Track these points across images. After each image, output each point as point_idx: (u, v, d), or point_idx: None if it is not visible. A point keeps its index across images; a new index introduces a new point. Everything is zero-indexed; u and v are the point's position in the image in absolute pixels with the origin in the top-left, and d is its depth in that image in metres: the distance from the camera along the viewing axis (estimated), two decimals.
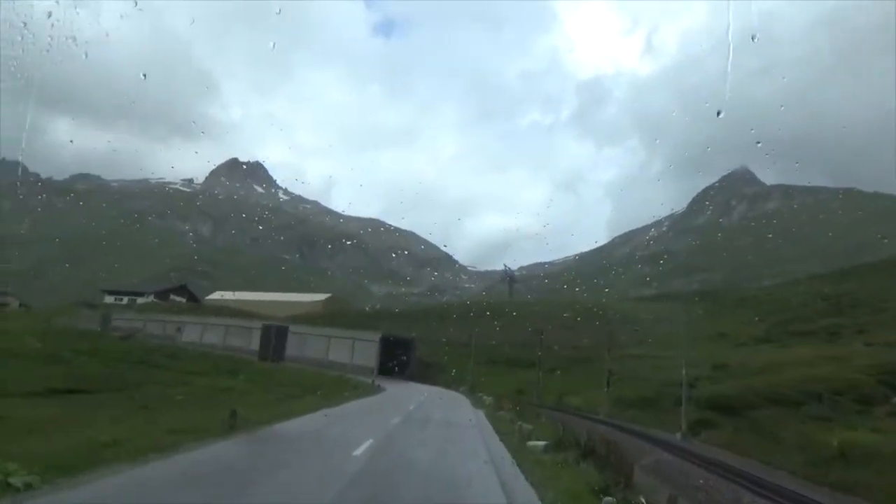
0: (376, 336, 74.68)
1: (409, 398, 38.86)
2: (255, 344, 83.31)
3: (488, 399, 40.17)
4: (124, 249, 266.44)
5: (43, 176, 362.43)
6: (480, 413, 30.77)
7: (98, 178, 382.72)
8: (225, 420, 15.78)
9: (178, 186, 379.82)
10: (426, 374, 76.00)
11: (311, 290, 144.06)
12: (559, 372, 74.17)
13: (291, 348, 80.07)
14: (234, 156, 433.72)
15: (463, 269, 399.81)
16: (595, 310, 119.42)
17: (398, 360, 75.88)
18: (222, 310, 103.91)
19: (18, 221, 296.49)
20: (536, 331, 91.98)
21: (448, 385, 68.11)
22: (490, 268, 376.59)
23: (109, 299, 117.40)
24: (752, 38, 12.14)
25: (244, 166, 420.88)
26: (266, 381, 64.12)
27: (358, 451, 13.56)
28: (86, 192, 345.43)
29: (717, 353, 64.97)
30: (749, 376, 46.53)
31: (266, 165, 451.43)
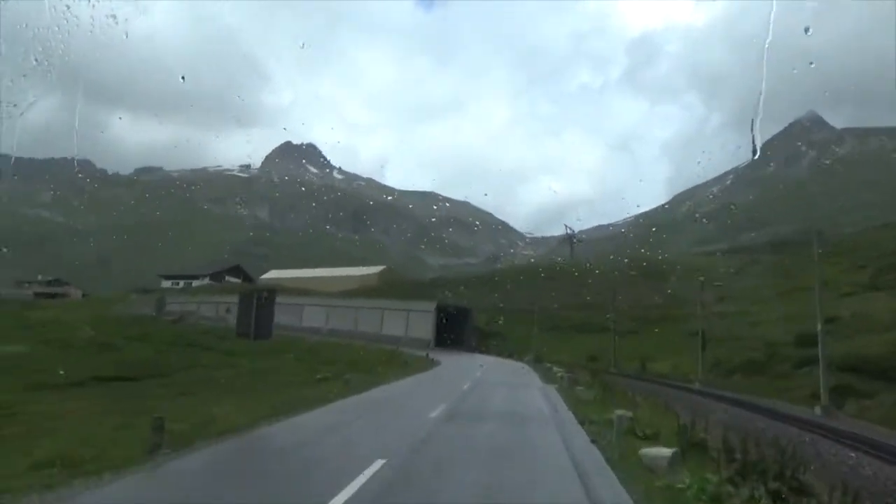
0: (431, 306, 68.51)
1: (463, 375, 32.38)
2: (306, 321, 78.60)
3: (559, 371, 33.41)
4: (186, 237, 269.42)
5: (109, 171, 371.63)
6: (553, 391, 23.95)
7: (160, 169, 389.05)
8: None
9: (235, 172, 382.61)
10: (486, 343, 69.60)
11: (369, 265, 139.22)
12: (633, 335, 66.53)
13: (343, 322, 74.89)
14: (288, 139, 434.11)
15: (520, 236, 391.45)
16: (664, 267, 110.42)
17: (455, 330, 69.62)
18: (274, 289, 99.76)
19: (88, 216, 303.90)
20: (604, 292, 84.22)
21: (510, 355, 61.60)
22: (548, 233, 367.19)
23: (167, 284, 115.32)
24: None
25: (299, 149, 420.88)
26: (313, 360, 58.89)
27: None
28: (149, 184, 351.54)
29: (819, 305, 55.93)
30: (880, 330, 37.94)
31: (319, 146, 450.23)
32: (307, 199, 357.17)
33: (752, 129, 7.31)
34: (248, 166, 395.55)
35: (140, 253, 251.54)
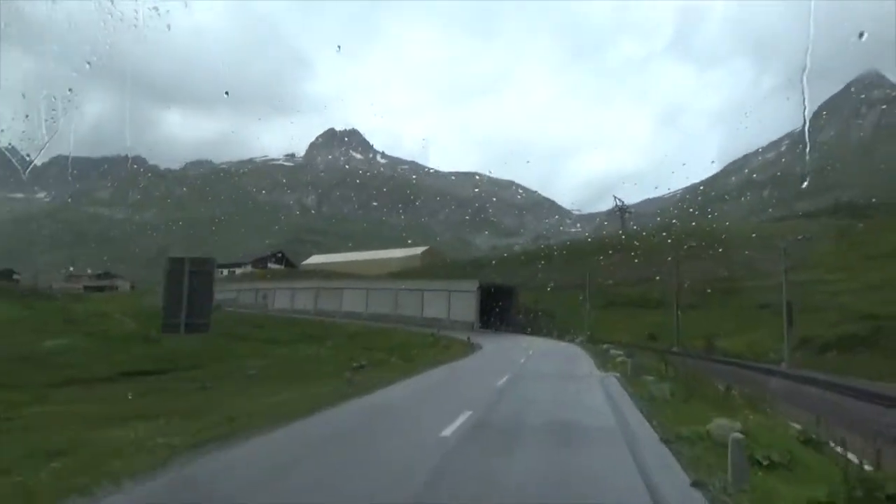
0: (473, 286, 63.68)
1: (503, 363, 27.34)
2: (346, 305, 74.97)
3: (618, 354, 28.17)
4: (237, 227, 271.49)
5: (161, 167, 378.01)
6: (614, 384, 18.69)
7: (209, 162, 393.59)
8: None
9: (281, 162, 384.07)
10: (533, 324, 64.47)
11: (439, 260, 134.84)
12: (695, 310, 60.33)
13: (384, 306, 70.90)
14: (331, 126, 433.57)
15: (567, 213, 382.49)
16: (723, 236, 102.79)
17: (500, 311, 64.69)
18: (316, 273, 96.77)
19: (144, 211, 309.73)
20: (660, 265, 77.91)
21: (560, 336, 56.36)
22: (595, 209, 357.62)
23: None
24: None
25: (342, 135, 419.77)
26: (352, 347, 54.93)
27: None
28: (199, 177, 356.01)
29: None
30: None
31: (362, 131, 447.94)
32: (353, 184, 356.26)
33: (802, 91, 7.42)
34: (293, 155, 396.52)
35: (195, 244, 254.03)
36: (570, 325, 61.48)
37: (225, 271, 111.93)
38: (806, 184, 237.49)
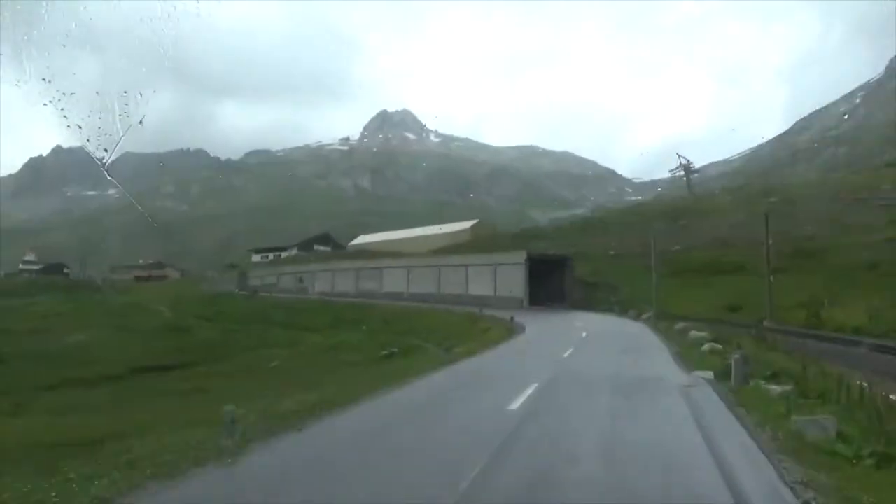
0: (521, 257, 55.84)
1: (540, 360, 19.42)
2: (386, 286, 68.67)
3: (703, 338, 20.19)
4: (296, 213, 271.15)
5: (222, 158, 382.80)
6: (715, 402, 10.53)
7: (267, 151, 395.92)
8: None
9: (335, 146, 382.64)
10: (591, 297, 56.21)
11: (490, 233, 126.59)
12: (781, 274, 50.75)
13: (426, 284, 64.15)
14: (383, 108, 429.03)
15: (627, 181, 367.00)
16: (803, 191, 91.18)
17: (552, 284, 56.81)
18: (361, 254, 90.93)
19: (206, 202, 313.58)
20: (735, 227, 68.80)
21: (622, 310, 47.93)
22: (656, 176, 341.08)
23: (257, 258, 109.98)
24: None
25: (394, 116, 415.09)
26: (386, 331, 48.50)
27: None
28: (257, 166, 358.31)
29: None
30: None
31: (414, 111, 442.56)
32: (406, 164, 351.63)
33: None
34: (347, 138, 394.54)
35: (254, 232, 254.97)
36: (633, 297, 53.03)
37: (270, 255, 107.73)
38: (883, 138, 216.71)
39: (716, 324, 33.61)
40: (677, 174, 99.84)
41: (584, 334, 27.20)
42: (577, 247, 76.19)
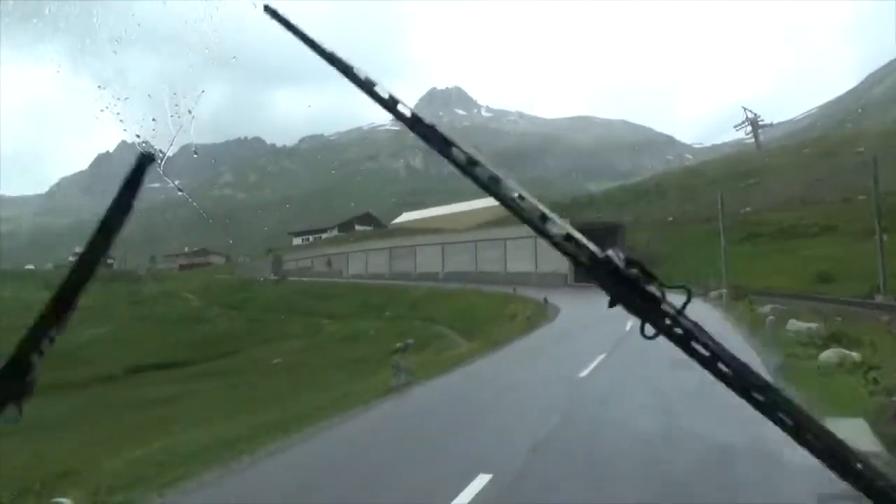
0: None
1: (559, 370, 12.81)
2: (421, 265, 62.44)
3: (816, 338, 12.26)
4: (346, 196, 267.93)
5: (278, 145, 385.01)
6: None
7: (321, 136, 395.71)
8: None
9: (386, 127, 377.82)
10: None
11: None
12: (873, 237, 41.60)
13: (462, 262, 57.66)
14: (433, 85, 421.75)
15: (687, 147, 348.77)
16: (885, 144, 79.23)
17: None
18: (401, 231, 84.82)
19: (264, 189, 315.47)
20: (812, 183, 59.44)
21: (685, 288, 39.93)
22: (719, 140, 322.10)
23: (297, 241, 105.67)
24: None
25: (444, 93, 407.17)
26: (411, 317, 42.30)
27: None
28: (310, 151, 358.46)
29: None
30: None
31: (464, 87, 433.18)
32: (458, 142, 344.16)
33: None
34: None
35: (310, 216, 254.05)
36: (697, 269, 44.81)
37: (311, 237, 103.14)
38: None
39: (809, 300, 25.62)
40: (744, 129, 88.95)
41: (628, 325, 20.07)
42: (632, 215, 67.86)
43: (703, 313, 25.42)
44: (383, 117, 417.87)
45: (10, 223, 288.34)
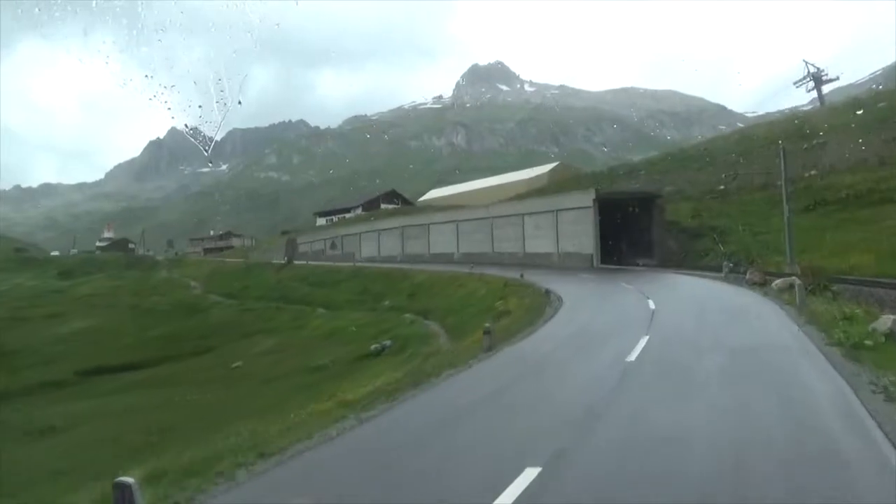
0: (588, 198, 40.10)
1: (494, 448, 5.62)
2: (435, 246, 55.50)
3: None
4: (393, 175, 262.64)
5: (322, 127, 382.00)
6: None
7: (364, 116, 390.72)
8: None
9: (428, 105, 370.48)
10: (690, 247, 39.81)
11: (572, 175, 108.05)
12: None
13: (479, 243, 50.57)
14: (475, 62, 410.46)
15: (739, 117, 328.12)
16: None
17: (633, 234, 41.12)
18: (424, 209, 77.79)
19: (307, 171, 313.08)
20: (891, 143, 50.16)
21: (735, 267, 30.97)
22: (775, 107, 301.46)
23: (321, 221, 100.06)
24: None
25: (486, 69, 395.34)
26: (406, 309, 35.58)
27: None
28: (353, 132, 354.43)
29: None
30: None
31: (507, 63, 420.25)
32: (501, 118, 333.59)
33: None
34: (440, 96, 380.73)
35: (351, 196, 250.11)
36: (752, 244, 36.27)
37: (335, 217, 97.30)
38: None
39: None
40: (804, 86, 77.61)
41: (642, 341, 12.24)
42: (676, 184, 58.92)
43: (767, 310, 16.63)
44: (424, 96, 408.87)
45: (64, 210, 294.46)
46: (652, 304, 18.28)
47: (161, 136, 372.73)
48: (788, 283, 18.56)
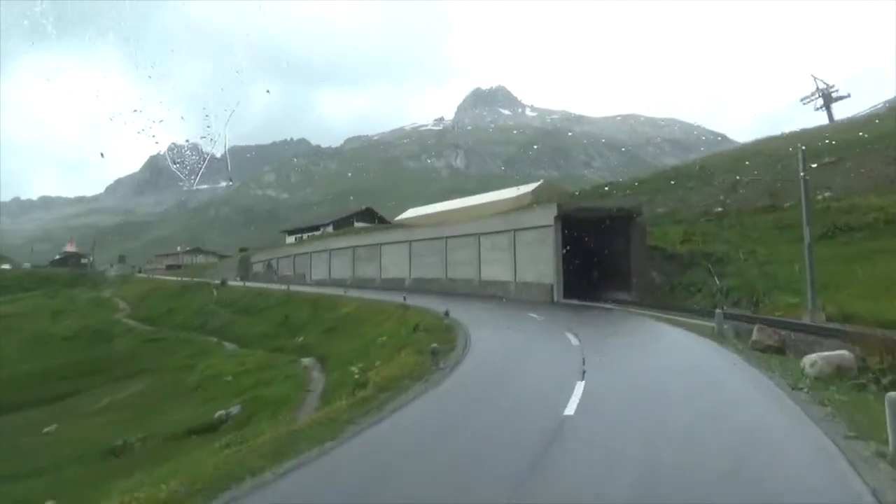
0: (549, 215, 31.52)
1: None
2: (387, 269, 47.03)
3: None
4: (390, 195, 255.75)
5: (323, 146, 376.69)
6: None
7: (365, 136, 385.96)
8: None
9: (429, 127, 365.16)
10: (679, 280, 31.05)
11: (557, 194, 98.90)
12: None
13: (432, 268, 42.22)
14: (477, 85, 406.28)
15: (740, 146, 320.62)
16: None
17: (607, 261, 32.53)
18: (390, 228, 69.39)
19: (305, 189, 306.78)
20: None
21: (730, 309, 21.92)
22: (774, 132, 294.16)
23: (290, 239, 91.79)
24: None
25: (489, 93, 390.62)
26: (311, 349, 26.76)
27: None
28: (354, 152, 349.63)
29: None
30: None
31: (509, 87, 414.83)
32: (501, 140, 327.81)
33: None
34: (441, 119, 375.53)
35: (329, 215, 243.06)
36: (754, 280, 27.61)
37: (304, 235, 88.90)
38: None
39: None
40: (812, 101, 69.36)
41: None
42: (668, 205, 50.64)
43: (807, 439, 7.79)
44: (426, 117, 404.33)
45: (60, 223, 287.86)
46: (574, 403, 9.43)
47: (162, 152, 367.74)
48: (835, 366, 9.78)
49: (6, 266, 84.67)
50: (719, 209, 45.58)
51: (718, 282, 28.42)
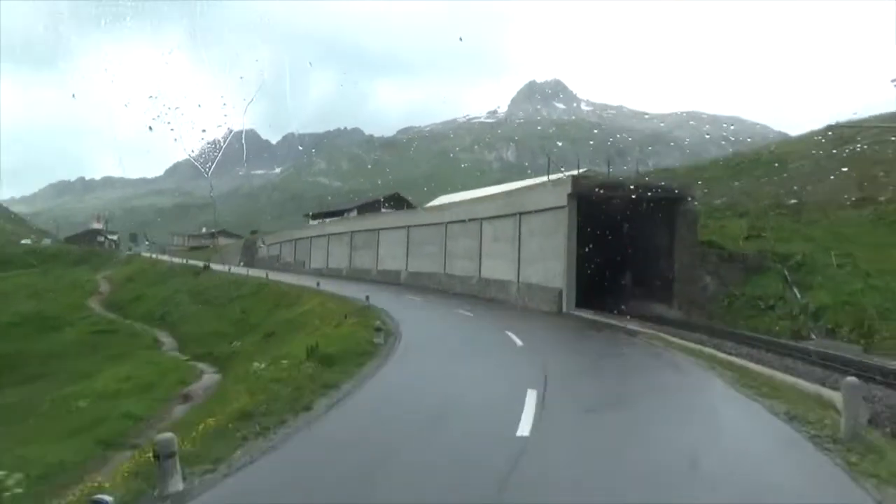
0: (562, 192, 22.98)
1: None
2: (384, 259, 39.30)
3: None
4: (438, 186, 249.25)
5: (376, 136, 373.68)
6: None
7: (418, 127, 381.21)
8: None
9: (482, 119, 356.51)
10: (741, 289, 21.92)
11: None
12: None
13: (429, 259, 34.12)
14: (532, 78, 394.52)
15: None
16: None
17: (641, 257, 23.75)
18: (395, 212, 62.01)
19: (357, 178, 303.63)
20: None
21: (827, 342, 12.76)
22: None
23: (314, 223, 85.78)
24: None
25: (544, 86, 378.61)
26: (246, 356, 18.65)
27: None
28: (406, 142, 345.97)
29: None
30: None
31: (565, 81, 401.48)
32: (554, 134, 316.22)
33: None
34: (494, 111, 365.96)
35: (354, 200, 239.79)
36: (859, 296, 18.44)
37: (328, 220, 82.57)
38: None
39: None
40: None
41: None
42: (730, 195, 41.10)
43: None
44: (480, 109, 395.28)
45: (120, 203, 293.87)
46: None
47: (219, 137, 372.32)
48: None
49: (26, 241, 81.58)
50: (793, 201, 35.75)
51: (800, 296, 19.29)
